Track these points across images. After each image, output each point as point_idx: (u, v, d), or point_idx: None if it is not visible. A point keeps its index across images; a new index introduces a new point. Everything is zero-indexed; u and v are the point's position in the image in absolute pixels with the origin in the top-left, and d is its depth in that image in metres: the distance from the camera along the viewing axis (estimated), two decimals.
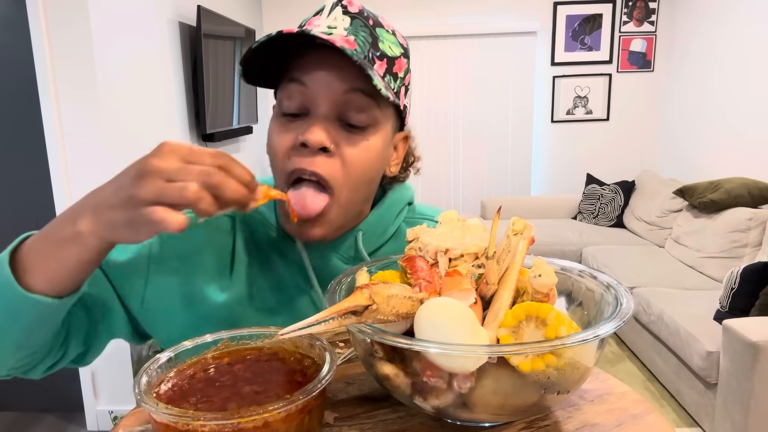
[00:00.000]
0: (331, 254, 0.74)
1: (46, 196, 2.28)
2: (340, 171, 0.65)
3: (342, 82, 0.63)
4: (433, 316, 0.50)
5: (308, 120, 0.64)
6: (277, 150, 0.65)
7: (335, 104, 0.64)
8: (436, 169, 4.70)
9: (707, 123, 3.92)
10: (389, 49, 0.68)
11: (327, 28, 0.65)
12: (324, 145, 0.63)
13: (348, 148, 0.65)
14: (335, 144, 0.64)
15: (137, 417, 0.60)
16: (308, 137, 0.62)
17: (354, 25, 0.66)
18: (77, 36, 2.14)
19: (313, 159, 0.63)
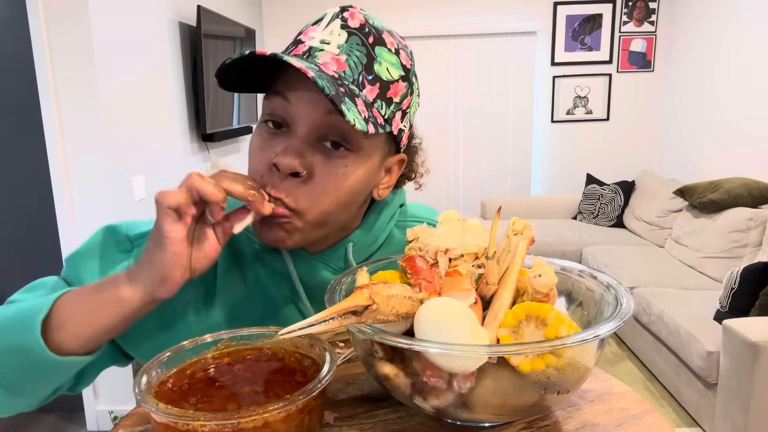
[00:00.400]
0: (319, 265, 0.72)
1: (46, 196, 2.28)
2: (308, 197, 0.62)
3: (323, 104, 0.60)
4: (433, 316, 0.50)
5: (287, 139, 0.62)
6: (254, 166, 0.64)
7: (315, 126, 0.61)
8: (436, 169, 4.70)
9: (707, 123, 3.92)
10: (386, 71, 0.64)
11: (320, 42, 0.62)
12: (295, 171, 0.60)
13: (322, 174, 0.62)
14: (308, 169, 0.61)
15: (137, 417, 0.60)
16: (280, 161, 0.60)
17: (350, 42, 0.62)
18: (77, 36, 2.14)
19: (281, 183, 0.61)
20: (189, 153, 3.07)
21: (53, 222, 2.30)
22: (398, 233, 0.79)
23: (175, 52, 2.90)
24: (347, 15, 0.63)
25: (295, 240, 0.64)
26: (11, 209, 2.41)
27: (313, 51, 0.62)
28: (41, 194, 2.33)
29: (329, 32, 0.62)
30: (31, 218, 2.40)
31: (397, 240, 0.78)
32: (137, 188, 2.47)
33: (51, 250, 2.35)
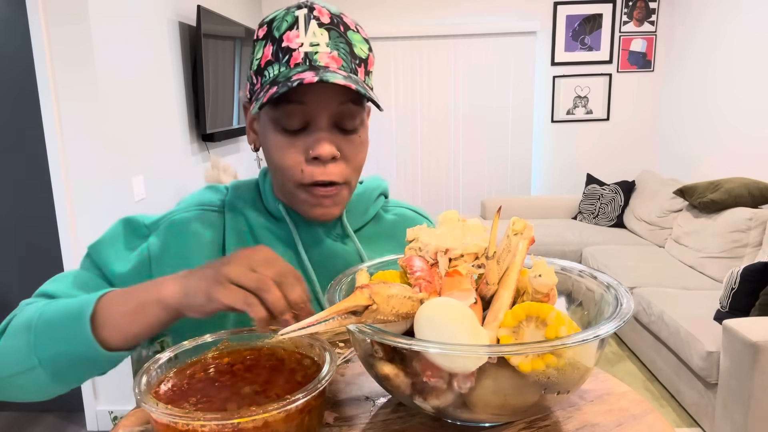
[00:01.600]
0: (319, 232, 0.81)
1: (46, 196, 2.28)
2: (347, 169, 0.75)
3: (336, 97, 0.71)
4: (433, 316, 0.50)
5: (311, 134, 0.72)
6: (289, 164, 0.73)
7: (332, 116, 0.72)
8: (436, 169, 4.70)
9: (707, 123, 3.92)
10: (361, 51, 0.75)
11: (310, 46, 0.71)
12: (334, 156, 0.72)
13: (349, 150, 0.74)
14: (340, 151, 0.73)
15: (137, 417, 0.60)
16: (320, 152, 0.71)
17: (332, 38, 0.72)
18: (77, 36, 2.14)
19: (325, 169, 0.73)
20: (189, 153, 3.07)
21: (53, 222, 2.30)
22: (385, 215, 0.90)
23: (175, 52, 2.90)
24: (317, 13, 0.72)
25: (340, 209, 0.78)
26: (11, 209, 2.41)
27: (311, 55, 0.70)
28: (41, 194, 2.33)
29: (312, 34, 0.71)
30: (31, 218, 2.40)
31: (385, 220, 0.89)
32: (137, 188, 2.47)
33: (51, 250, 2.35)
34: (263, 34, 0.73)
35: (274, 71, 0.71)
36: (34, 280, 2.67)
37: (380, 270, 0.67)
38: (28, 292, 0.74)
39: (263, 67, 0.72)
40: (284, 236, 0.80)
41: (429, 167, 4.70)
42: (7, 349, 0.64)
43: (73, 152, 2.23)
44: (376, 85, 4.50)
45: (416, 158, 4.68)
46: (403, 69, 4.51)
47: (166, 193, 2.75)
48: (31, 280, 2.49)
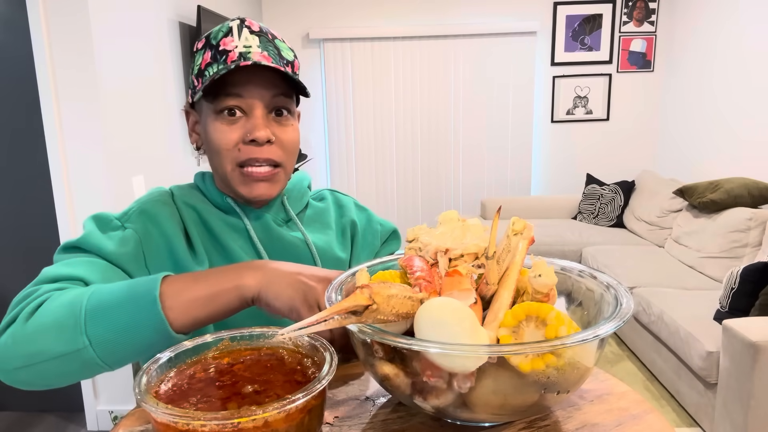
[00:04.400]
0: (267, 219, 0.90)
1: (46, 196, 2.28)
2: (282, 152, 0.85)
3: (270, 90, 0.82)
4: (433, 316, 0.50)
5: (249, 120, 0.82)
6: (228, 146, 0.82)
7: (267, 106, 0.83)
8: (436, 169, 4.70)
9: (707, 123, 3.92)
10: (288, 54, 0.86)
11: (244, 47, 0.81)
12: (269, 139, 0.82)
13: (282, 135, 0.85)
14: (274, 135, 0.83)
15: (137, 417, 0.60)
16: (257, 135, 0.81)
17: (262, 42, 0.83)
18: (77, 36, 2.14)
19: (261, 149, 0.82)
20: (189, 153, 3.07)
21: (53, 222, 2.30)
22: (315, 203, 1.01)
23: (175, 52, 2.90)
24: (248, 24, 0.84)
25: (277, 189, 0.87)
26: (11, 209, 2.41)
27: (245, 54, 0.81)
28: (41, 194, 2.33)
29: (245, 39, 0.82)
30: (31, 218, 2.40)
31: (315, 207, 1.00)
32: (137, 188, 2.47)
33: (51, 250, 2.35)
34: (201, 45, 0.85)
35: (213, 69, 0.81)
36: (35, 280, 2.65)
37: (380, 270, 0.67)
38: None
39: (203, 69, 0.83)
40: (236, 226, 0.88)
41: (429, 167, 4.70)
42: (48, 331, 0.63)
43: (73, 152, 2.23)
44: (377, 84, 4.50)
45: (416, 158, 4.68)
46: (403, 69, 4.51)
47: None
48: (31, 280, 2.49)
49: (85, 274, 0.73)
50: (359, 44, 4.43)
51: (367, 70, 4.48)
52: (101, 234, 0.80)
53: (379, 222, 1.03)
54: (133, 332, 0.63)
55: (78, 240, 0.79)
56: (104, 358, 0.63)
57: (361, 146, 4.62)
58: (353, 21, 4.43)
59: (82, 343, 0.62)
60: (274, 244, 0.89)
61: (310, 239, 0.91)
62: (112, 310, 0.63)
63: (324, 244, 0.94)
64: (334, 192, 1.05)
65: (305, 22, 4.41)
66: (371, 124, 4.60)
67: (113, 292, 0.65)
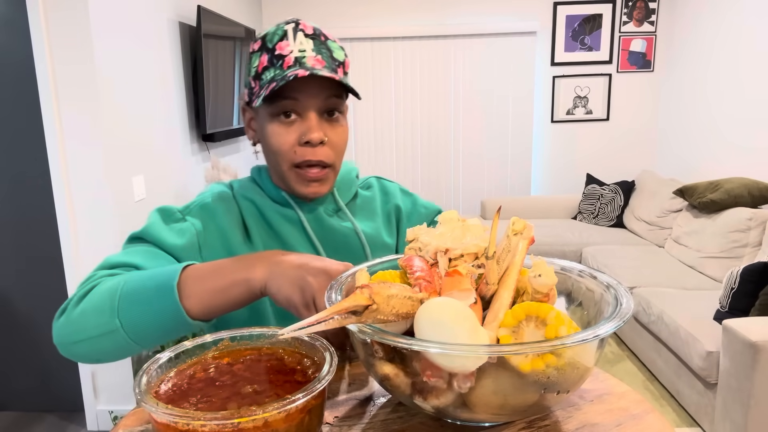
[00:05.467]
0: (319, 210, 0.95)
1: (46, 196, 2.28)
2: (332, 153, 0.90)
3: (322, 92, 0.86)
4: (433, 316, 0.50)
5: (304, 122, 0.87)
6: (285, 147, 0.87)
7: (321, 109, 0.87)
8: (436, 169, 4.70)
9: (707, 123, 3.92)
10: (339, 55, 0.91)
11: (299, 52, 0.86)
12: (322, 140, 0.87)
13: (334, 136, 0.90)
14: (327, 136, 0.88)
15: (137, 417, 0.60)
16: (311, 137, 0.85)
17: (316, 45, 0.87)
18: (77, 36, 2.14)
19: (315, 150, 0.87)
20: (189, 153, 3.07)
21: (53, 222, 2.30)
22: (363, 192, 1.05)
23: (175, 52, 2.90)
24: (302, 27, 0.88)
25: (327, 187, 0.92)
26: (11, 209, 2.41)
27: (300, 59, 0.85)
28: (41, 194, 2.33)
29: (299, 43, 0.87)
30: (32, 218, 2.40)
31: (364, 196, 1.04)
32: (137, 188, 2.47)
33: (51, 250, 2.35)
34: (258, 47, 0.89)
35: (270, 74, 0.86)
36: (35, 280, 2.67)
37: (380, 270, 0.67)
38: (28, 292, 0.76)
39: (260, 73, 0.87)
40: (291, 217, 0.94)
41: (429, 167, 4.70)
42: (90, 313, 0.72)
43: (73, 152, 2.23)
44: (378, 83, 4.50)
45: (416, 158, 4.68)
46: (403, 69, 4.51)
47: (166, 193, 2.75)
48: (31, 280, 2.49)
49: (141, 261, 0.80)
50: (359, 44, 4.43)
51: (367, 70, 4.48)
52: (163, 225, 0.87)
53: (424, 205, 1.07)
54: (155, 318, 0.70)
55: (141, 231, 0.86)
56: (135, 339, 0.71)
57: (361, 146, 4.62)
58: (353, 21, 4.43)
59: (114, 325, 0.70)
60: (326, 234, 0.94)
61: (359, 227, 0.97)
62: (139, 296, 0.70)
63: (372, 231, 0.99)
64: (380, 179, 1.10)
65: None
66: (371, 124, 4.60)
67: (143, 279, 0.72)
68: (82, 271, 2.31)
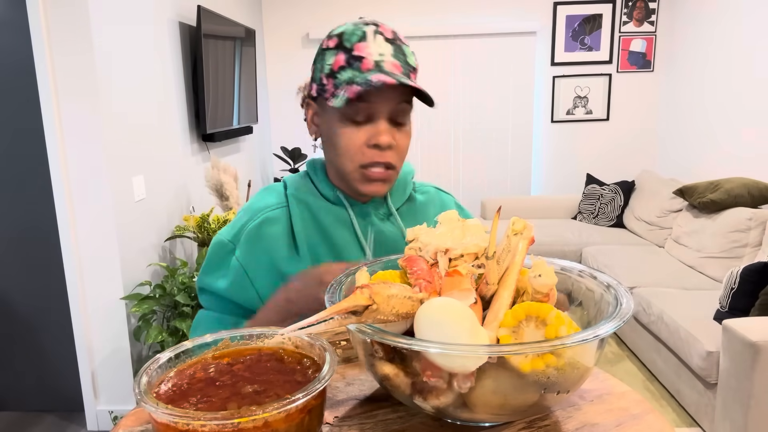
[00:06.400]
0: (370, 211, 0.97)
1: (46, 196, 2.28)
2: (398, 157, 0.91)
3: (395, 98, 0.87)
4: (433, 316, 0.50)
5: (374, 125, 0.88)
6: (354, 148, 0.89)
7: (391, 114, 0.88)
8: (437, 169, 4.70)
9: (707, 123, 3.92)
10: (412, 61, 0.91)
11: (378, 55, 0.86)
12: (390, 144, 0.88)
13: (401, 140, 0.91)
14: (394, 140, 0.89)
15: (137, 417, 0.60)
16: (381, 141, 0.87)
17: (394, 50, 0.88)
18: (77, 36, 2.14)
19: (383, 153, 0.89)
20: (189, 153, 3.07)
21: (53, 222, 2.30)
22: (416, 195, 1.06)
23: (175, 52, 2.90)
24: (381, 30, 0.88)
25: (388, 188, 0.93)
26: (11, 209, 2.41)
27: (379, 63, 0.86)
28: (41, 194, 2.33)
29: (378, 46, 0.87)
30: (31, 219, 2.40)
31: (418, 201, 1.05)
32: (137, 188, 2.47)
33: (51, 250, 2.35)
34: (334, 45, 0.88)
35: (347, 74, 0.86)
36: (35, 280, 2.67)
37: (380, 270, 0.67)
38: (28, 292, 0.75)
39: (336, 71, 0.87)
40: (341, 216, 0.95)
41: (429, 167, 4.69)
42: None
43: (73, 152, 2.23)
44: None
45: (416, 158, 4.67)
46: None
47: (166, 193, 2.75)
48: (31, 280, 2.49)
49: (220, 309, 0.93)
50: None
51: None
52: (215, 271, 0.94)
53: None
54: None
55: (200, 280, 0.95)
56: None
57: None
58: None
59: None
60: (375, 238, 0.96)
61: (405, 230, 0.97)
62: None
63: None
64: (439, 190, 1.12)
65: (305, 22, 4.41)
66: None
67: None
68: (82, 271, 2.31)
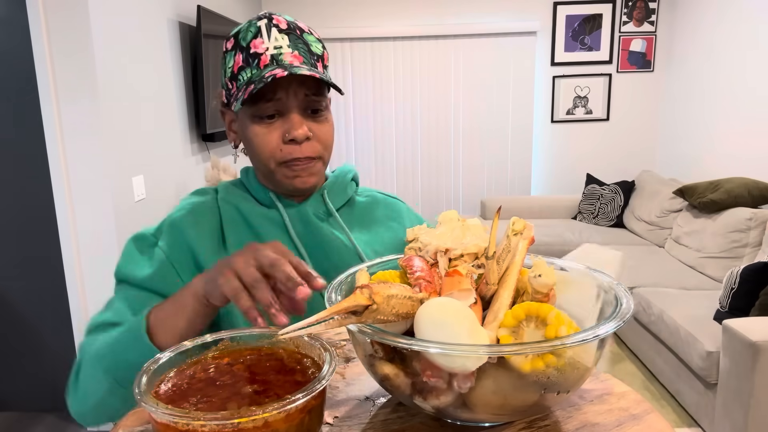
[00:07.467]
0: (308, 212, 0.91)
1: (46, 196, 2.28)
2: (318, 146, 0.87)
3: (303, 90, 0.84)
4: (433, 316, 0.50)
5: (286, 120, 0.84)
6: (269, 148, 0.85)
7: (302, 105, 0.85)
8: (437, 169, 4.70)
9: (707, 123, 3.92)
10: (317, 49, 0.88)
11: (275, 49, 0.83)
12: (307, 136, 0.85)
13: (318, 129, 0.87)
14: (312, 131, 0.85)
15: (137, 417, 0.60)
16: (295, 135, 0.83)
17: (292, 40, 0.84)
18: (77, 36, 2.14)
19: (301, 147, 0.85)
20: (189, 153, 3.07)
21: (53, 222, 2.30)
22: (358, 198, 1.00)
23: (175, 52, 2.90)
24: (275, 22, 0.85)
25: (315, 179, 0.89)
26: (11, 209, 2.41)
27: (276, 57, 0.83)
28: (41, 194, 2.33)
29: (275, 39, 0.83)
30: (31, 218, 2.40)
31: (360, 204, 1.00)
32: (137, 188, 2.47)
33: (51, 250, 2.35)
34: (231, 46, 0.85)
35: (247, 74, 0.83)
36: (35, 280, 2.66)
37: (380, 270, 0.67)
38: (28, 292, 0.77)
39: (236, 73, 0.84)
40: (276, 219, 0.90)
41: (429, 167, 4.70)
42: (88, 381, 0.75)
43: (73, 152, 2.23)
44: (378, 83, 4.50)
45: (416, 158, 4.68)
46: (403, 69, 4.51)
47: (166, 193, 2.75)
48: (31, 280, 2.49)
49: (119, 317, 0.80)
50: (359, 44, 4.43)
51: (367, 70, 4.48)
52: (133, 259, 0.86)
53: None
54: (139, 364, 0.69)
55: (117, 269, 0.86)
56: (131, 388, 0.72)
57: (360, 146, 4.62)
58: (353, 21, 4.43)
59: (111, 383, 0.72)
60: (313, 239, 0.90)
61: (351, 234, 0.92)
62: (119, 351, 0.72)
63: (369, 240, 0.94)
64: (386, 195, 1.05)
65: (305, 22, 4.40)
66: (371, 124, 4.60)
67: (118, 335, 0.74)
68: (82, 271, 2.31)
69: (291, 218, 0.90)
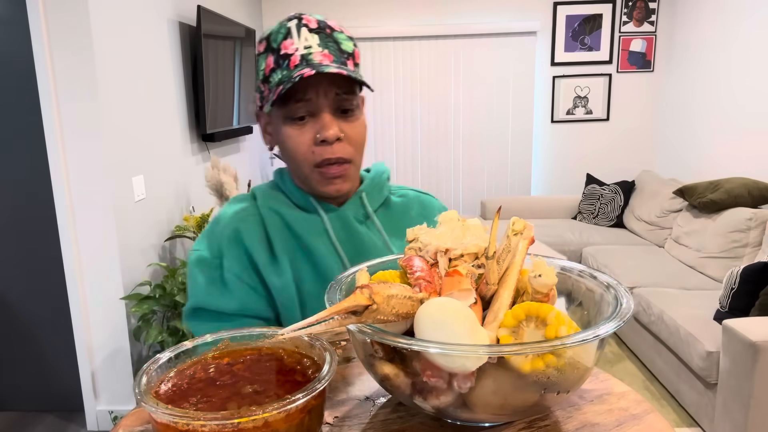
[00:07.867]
0: (348, 215, 0.92)
1: (46, 196, 2.28)
2: (350, 148, 0.87)
3: (334, 89, 0.83)
4: (433, 316, 0.50)
5: (318, 121, 0.84)
6: (302, 149, 0.86)
7: (332, 105, 0.84)
8: (437, 169, 4.70)
9: (707, 123, 3.92)
10: (347, 47, 0.87)
11: (305, 49, 0.83)
12: (338, 137, 0.84)
13: (350, 131, 0.86)
14: (343, 132, 0.85)
15: (137, 417, 0.60)
16: (326, 135, 0.83)
17: (321, 39, 0.84)
18: (77, 36, 2.14)
19: (332, 148, 0.85)
20: (189, 153, 3.07)
21: (53, 222, 2.30)
22: (395, 199, 1.01)
23: (175, 52, 2.90)
24: (305, 22, 0.85)
25: (349, 185, 0.90)
26: (11, 209, 2.41)
27: (306, 56, 0.82)
28: (41, 194, 2.33)
29: (304, 39, 0.83)
30: (31, 219, 2.40)
31: (395, 204, 1.00)
32: (137, 188, 2.47)
33: (51, 250, 2.35)
34: (263, 48, 0.86)
35: (278, 76, 0.83)
36: (35, 280, 2.66)
37: (380, 270, 0.67)
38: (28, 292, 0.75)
39: (268, 75, 0.85)
40: (317, 225, 0.91)
41: (429, 167, 4.69)
42: None
43: (73, 152, 2.23)
44: (378, 83, 4.50)
45: (416, 158, 4.68)
46: (403, 69, 4.51)
47: (166, 193, 2.75)
48: (31, 280, 2.49)
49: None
50: (359, 44, 4.41)
51: (367, 70, 4.48)
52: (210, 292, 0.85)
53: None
54: None
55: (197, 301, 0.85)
56: None
57: None
58: (353, 21, 4.43)
59: None
60: (354, 244, 0.90)
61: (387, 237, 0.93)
62: None
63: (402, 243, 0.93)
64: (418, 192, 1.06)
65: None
66: (371, 124, 4.59)
67: None
68: (82, 271, 2.31)
69: (332, 224, 0.91)
